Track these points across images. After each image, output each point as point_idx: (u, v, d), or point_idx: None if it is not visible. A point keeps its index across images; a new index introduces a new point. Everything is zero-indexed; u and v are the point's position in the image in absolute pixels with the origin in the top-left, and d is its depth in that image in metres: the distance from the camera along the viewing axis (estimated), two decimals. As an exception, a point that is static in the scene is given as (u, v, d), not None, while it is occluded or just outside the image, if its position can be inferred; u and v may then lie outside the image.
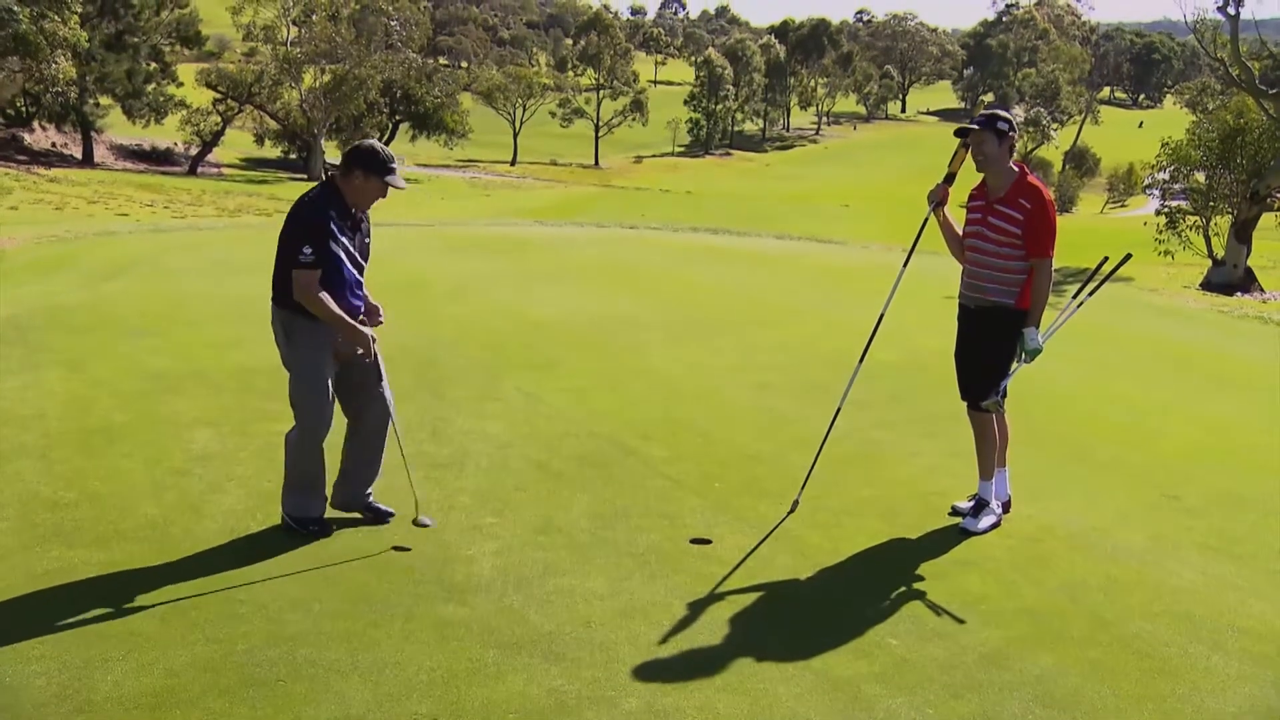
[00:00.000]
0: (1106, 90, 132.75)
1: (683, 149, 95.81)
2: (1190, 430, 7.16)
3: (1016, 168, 5.01)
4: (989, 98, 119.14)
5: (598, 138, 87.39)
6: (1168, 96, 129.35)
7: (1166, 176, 23.48)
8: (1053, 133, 77.65)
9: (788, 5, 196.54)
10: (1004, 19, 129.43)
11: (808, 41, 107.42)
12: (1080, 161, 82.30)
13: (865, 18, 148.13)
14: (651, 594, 4.31)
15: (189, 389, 7.08)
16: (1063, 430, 6.90)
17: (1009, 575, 4.61)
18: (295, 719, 3.37)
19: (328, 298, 4.55)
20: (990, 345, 5.07)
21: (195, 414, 6.51)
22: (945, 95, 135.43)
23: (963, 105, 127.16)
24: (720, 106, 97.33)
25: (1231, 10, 20.66)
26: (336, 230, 4.59)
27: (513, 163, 78.95)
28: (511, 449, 6.05)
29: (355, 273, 4.71)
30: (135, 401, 6.77)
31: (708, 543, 4.85)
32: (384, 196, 4.71)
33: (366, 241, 4.81)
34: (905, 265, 5.38)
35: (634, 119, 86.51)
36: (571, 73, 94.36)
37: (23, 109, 45.39)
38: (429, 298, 10.89)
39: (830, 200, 54.11)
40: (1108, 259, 5.26)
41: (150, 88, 47.68)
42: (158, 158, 51.13)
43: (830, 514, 5.22)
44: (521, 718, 3.43)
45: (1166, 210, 21.45)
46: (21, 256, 14.52)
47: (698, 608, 4.21)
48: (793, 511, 5.20)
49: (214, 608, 4.04)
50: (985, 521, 5.09)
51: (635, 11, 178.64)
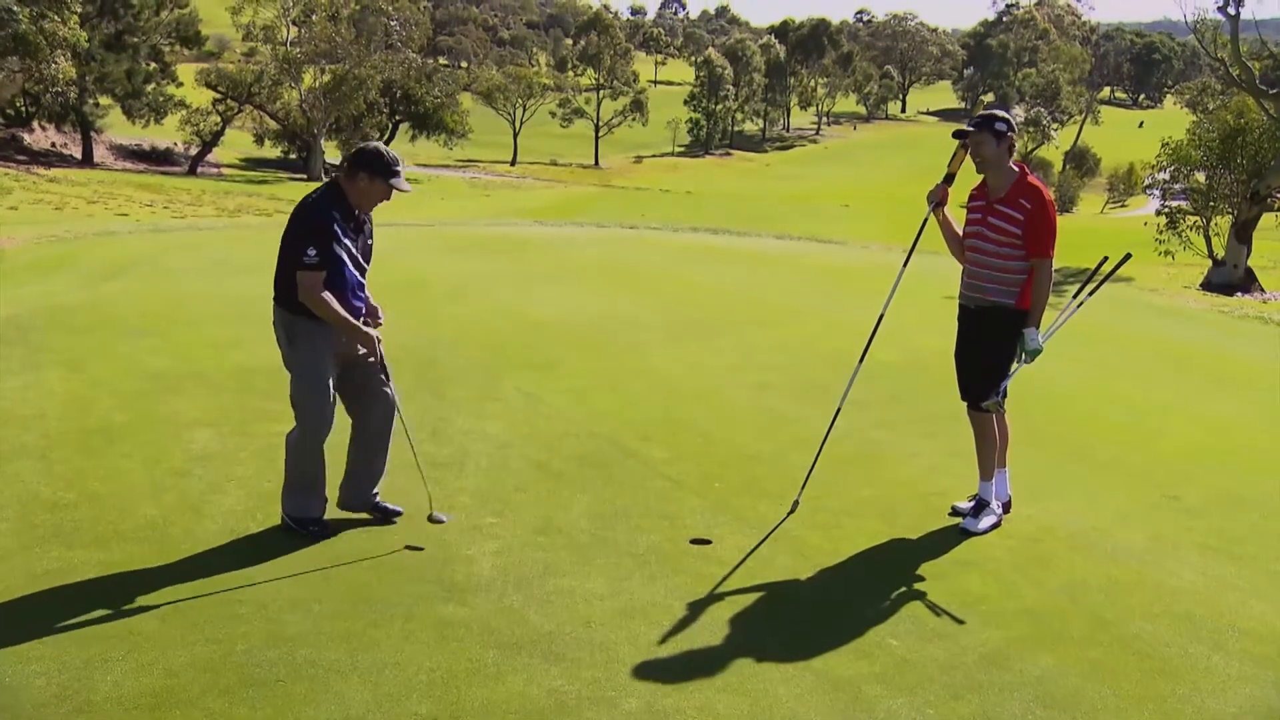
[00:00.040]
0: (1107, 90, 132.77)
1: (683, 149, 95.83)
2: (1190, 430, 7.15)
3: (1016, 168, 5.01)
4: (989, 98, 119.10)
5: (598, 138, 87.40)
6: (1168, 96, 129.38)
7: (1167, 176, 23.48)
8: (1053, 133, 77.70)
9: (788, 5, 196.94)
10: (1004, 19, 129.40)
11: (808, 41, 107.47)
12: (1080, 161, 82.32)
13: (865, 18, 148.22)
14: (651, 594, 4.31)
15: (189, 389, 7.08)
16: (1063, 430, 6.90)
17: (1009, 575, 4.61)
18: (295, 719, 3.37)
19: (332, 299, 4.55)
20: (990, 345, 5.07)
21: (195, 414, 6.51)
22: (945, 95, 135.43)
23: (963, 105, 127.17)
24: (720, 106, 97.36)
25: (1231, 10, 20.67)
26: (340, 232, 4.58)
27: (513, 163, 78.98)
28: (511, 449, 6.05)
29: (357, 275, 4.72)
30: (135, 402, 6.77)
31: (708, 543, 4.85)
32: (388, 199, 4.71)
33: (369, 243, 4.81)
34: (905, 265, 5.38)
35: (634, 119, 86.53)
36: (571, 73, 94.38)
37: (22, 109, 45.42)
38: (429, 298, 10.89)
39: (830, 200, 54.10)
40: (1108, 259, 5.26)
41: (150, 88, 47.75)
42: (157, 158, 51.15)
43: (830, 514, 5.22)
44: (521, 718, 3.43)
45: (1167, 210, 21.42)
46: (21, 256, 14.53)
47: (698, 608, 4.21)
48: (793, 512, 5.20)
49: (214, 608, 4.04)
50: (985, 522, 5.09)
51: (635, 11, 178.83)
